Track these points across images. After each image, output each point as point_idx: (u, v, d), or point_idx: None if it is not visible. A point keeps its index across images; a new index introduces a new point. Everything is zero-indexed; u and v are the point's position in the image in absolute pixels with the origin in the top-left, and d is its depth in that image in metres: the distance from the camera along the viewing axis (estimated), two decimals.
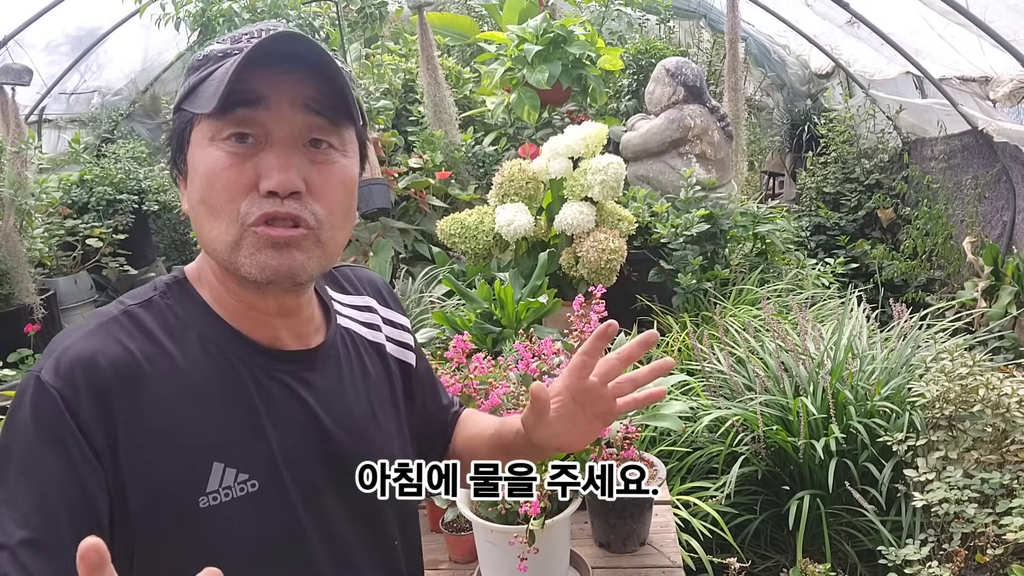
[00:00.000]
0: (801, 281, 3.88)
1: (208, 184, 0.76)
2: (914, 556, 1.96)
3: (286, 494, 0.80)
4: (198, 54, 0.80)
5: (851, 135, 5.81)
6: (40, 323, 4.44)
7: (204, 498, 0.75)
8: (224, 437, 0.77)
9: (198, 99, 0.76)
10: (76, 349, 0.73)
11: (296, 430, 0.83)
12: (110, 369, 0.73)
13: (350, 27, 5.12)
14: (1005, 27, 3.64)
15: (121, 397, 0.73)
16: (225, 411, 0.78)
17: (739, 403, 2.63)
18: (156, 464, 0.73)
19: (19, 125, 4.57)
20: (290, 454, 0.81)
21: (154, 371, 0.75)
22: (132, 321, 0.78)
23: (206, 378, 0.78)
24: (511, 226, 3.25)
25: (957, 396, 2.22)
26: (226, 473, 0.76)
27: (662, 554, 1.67)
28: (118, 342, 0.75)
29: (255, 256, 0.76)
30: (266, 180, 0.75)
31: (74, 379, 0.71)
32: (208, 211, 0.77)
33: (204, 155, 0.76)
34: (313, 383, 0.86)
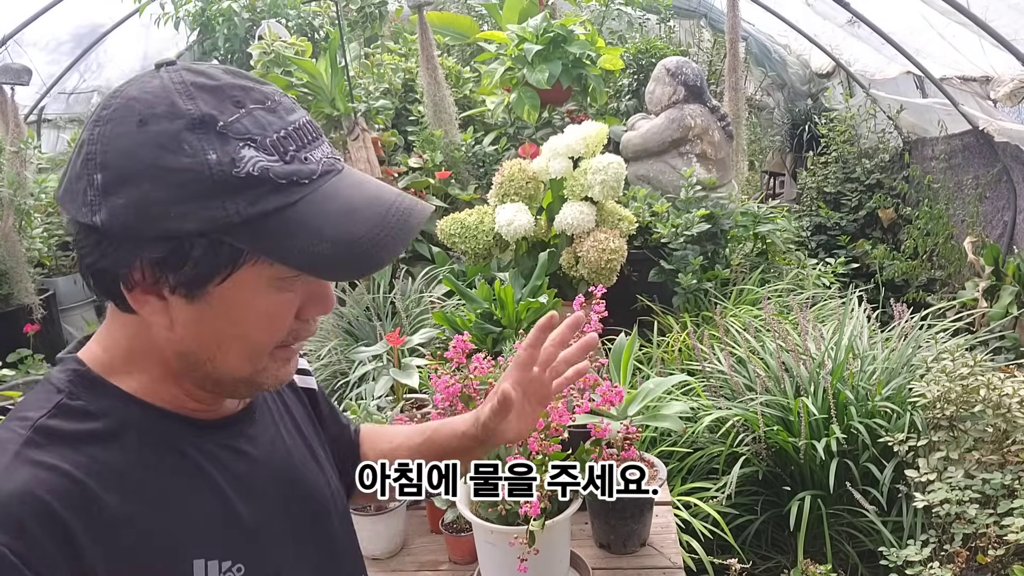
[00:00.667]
0: (802, 281, 3.87)
1: (268, 327, 0.69)
2: (915, 557, 1.96)
3: (267, 565, 0.77)
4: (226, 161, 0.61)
5: (852, 135, 5.80)
6: (39, 323, 4.44)
7: None
8: (198, 530, 0.71)
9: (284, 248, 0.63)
10: (5, 490, 0.60)
11: (260, 496, 0.78)
12: (55, 501, 0.61)
13: (350, 26, 5.12)
14: (1006, 26, 3.64)
15: (78, 528, 0.62)
16: (191, 503, 0.71)
17: (740, 403, 2.63)
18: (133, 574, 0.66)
19: (18, 125, 4.57)
20: (262, 523, 0.77)
21: (100, 486, 0.64)
22: (48, 437, 0.65)
23: (158, 474, 0.70)
24: (511, 226, 3.24)
25: (958, 396, 2.21)
26: (208, 568, 0.70)
27: (662, 555, 1.66)
28: (47, 467, 0.63)
29: (277, 374, 0.73)
30: (315, 307, 0.72)
31: (21, 526, 0.59)
32: (243, 346, 0.69)
33: (261, 298, 0.67)
34: (258, 439, 0.80)
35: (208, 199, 0.61)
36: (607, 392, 1.43)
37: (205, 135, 0.61)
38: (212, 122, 0.61)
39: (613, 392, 1.44)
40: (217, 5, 5.16)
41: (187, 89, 0.63)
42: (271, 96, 0.66)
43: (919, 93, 5.35)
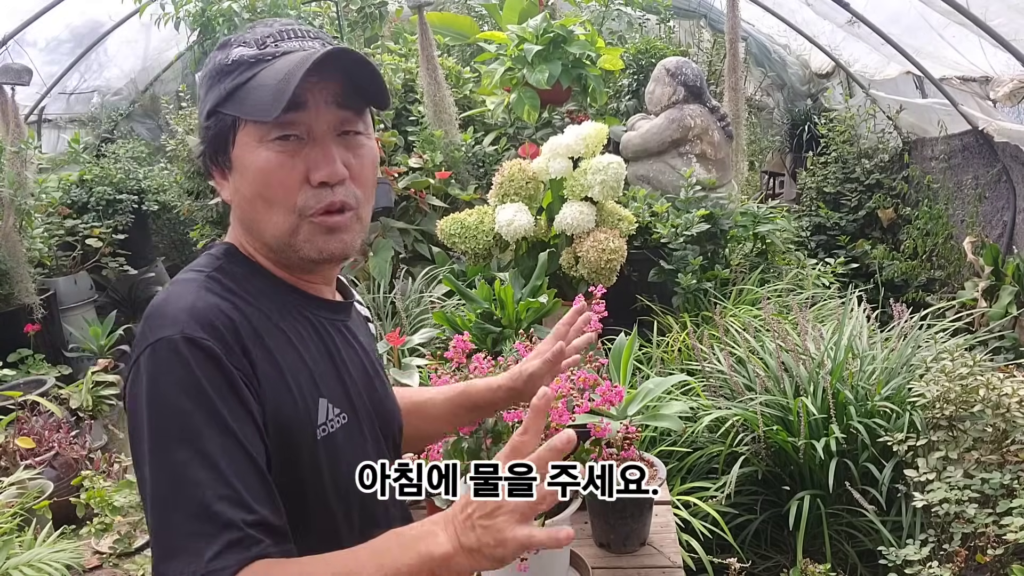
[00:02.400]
0: (801, 281, 3.87)
1: (264, 180, 0.86)
2: (914, 556, 1.96)
3: (361, 426, 0.94)
4: (223, 58, 0.88)
5: (851, 135, 5.81)
6: (40, 323, 4.44)
7: (318, 430, 0.87)
8: (319, 377, 0.89)
9: (245, 105, 0.85)
10: (203, 306, 0.81)
11: (356, 372, 0.97)
12: (237, 320, 0.82)
13: (350, 27, 5.12)
14: (1005, 27, 3.64)
15: (248, 344, 0.82)
16: (313, 355, 0.90)
17: (739, 403, 2.63)
18: (280, 403, 0.83)
19: (19, 125, 4.57)
20: (358, 392, 0.96)
21: (258, 324, 0.85)
22: (221, 284, 0.86)
23: (291, 328, 0.89)
24: (511, 226, 3.25)
25: (957, 396, 2.21)
26: (329, 408, 0.89)
27: (662, 554, 1.67)
28: (226, 300, 0.84)
29: (312, 241, 0.89)
30: (316, 172, 0.86)
31: (218, 331, 0.79)
32: (265, 204, 0.87)
33: (255, 155, 0.86)
34: (355, 333, 1.01)
35: (214, 85, 0.88)
36: (607, 392, 1.44)
37: (221, 49, 0.89)
38: (226, 42, 0.89)
39: (613, 392, 1.44)
40: (217, 5, 5.16)
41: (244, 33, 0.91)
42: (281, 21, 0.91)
43: (919, 93, 5.35)
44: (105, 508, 2.83)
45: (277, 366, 0.84)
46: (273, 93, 0.82)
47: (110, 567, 2.82)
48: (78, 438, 3.52)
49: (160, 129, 6.86)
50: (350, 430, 0.91)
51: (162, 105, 6.85)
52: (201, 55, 5.79)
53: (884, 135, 5.79)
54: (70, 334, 4.99)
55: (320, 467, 0.87)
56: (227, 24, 5.10)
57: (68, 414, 3.79)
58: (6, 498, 2.45)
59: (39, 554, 2.12)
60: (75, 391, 4.03)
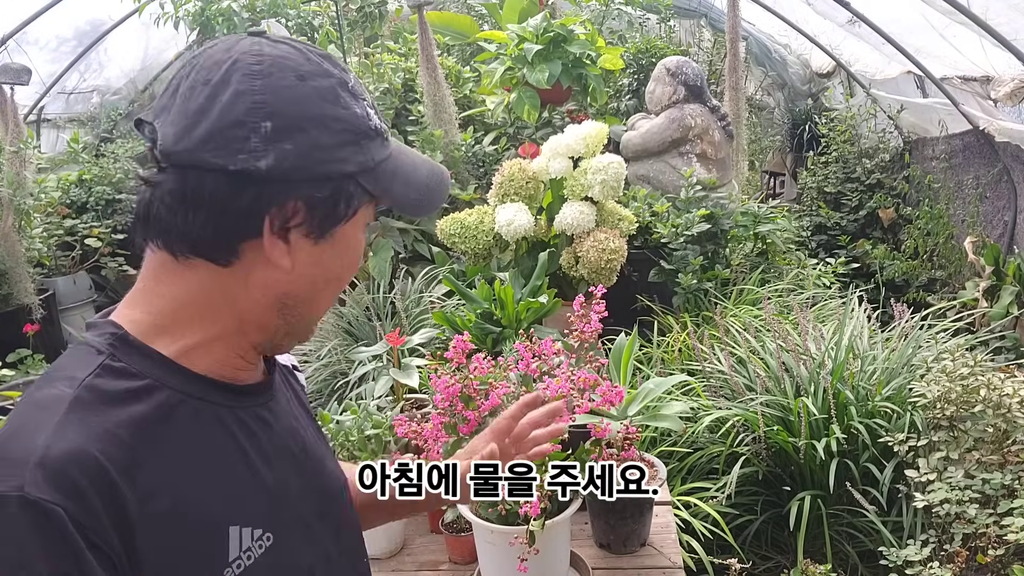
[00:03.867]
0: (802, 281, 3.87)
1: (354, 264, 0.78)
2: (915, 557, 1.96)
3: (292, 535, 0.78)
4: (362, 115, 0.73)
5: (852, 135, 5.80)
6: (39, 323, 4.44)
7: (229, 568, 0.70)
8: (231, 497, 0.72)
9: (388, 192, 0.75)
10: (59, 448, 0.60)
11: (280, 464, 0.79)
12: (108, 463, 0.62)
13: (350, 26, 5.11)
14: (1006, 26, 3.63)
15: (125, 489, 0.62)
16: (224, 468, 0.72)
17: (740, 403, 2.63)
18: (175, 549, 0.66)
19: (18, 124, 4.57)
20: (282, 491, 0.78)
21: (145, 450, 0.65)
22: (97, 396, 0.65)
23: (194, 438, 0.70)
24: (511, 226, 3.24)
25: (958, 396, 2.21)
26: (243, 535, 0.72)
27: (662, 555, 1.66)
28: (98, 428, 0.63)
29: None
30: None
31: (75, 485, 0.59)
32: (338, 288, 0.80)
33: (359, 238, 0.78)
34: (276, 412, 0.82)
35: (358, 145, 0.72)
36: (607, 392, 1.43)
37: (348, 93, 0.72)
38: (346, 83, 0.72)
39: (613, 392, 1.44)
40: (217, 5, 5.16)
41: (315, 53, 0.72)
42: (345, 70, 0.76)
43: (919, 93, 5.34)
44: None
45: (165, 505, 0.66)
46: (419, 193, 0.78)
47: None
48: None
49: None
50: (279, 548, 0.75)
51: None
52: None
53: (885, 135, 5.79)
54: (69, 334, 4.99)
55: None
56: (226, 24, 5.10)
57: None
58: None
59: None
60: None
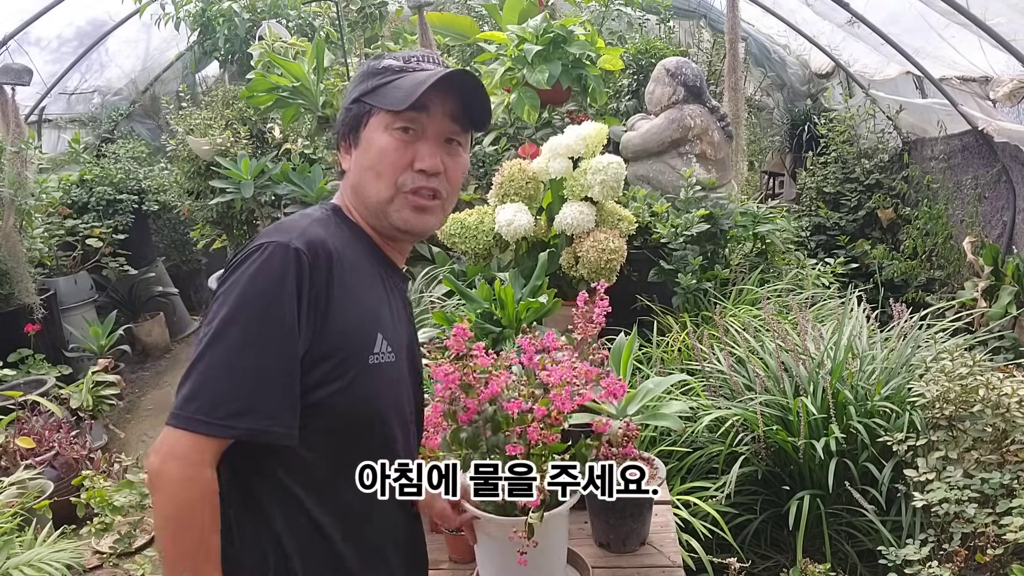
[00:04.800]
0: (801, 281, 3.88)
1: (380, 157, 1.12)
2: (914, 556, 1.96)
3: (403, 368, 1.17)
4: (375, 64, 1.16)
5: (851, 135, 5.81)
6: (40, 323, 4.44)
7: (372, 356, 1.08)
8: (380, 317, 1.13)
9: (384, 98, 1.11)
10: (313, 231, 1.06)
11: (404, 327, 1.21)
12: (332, 250, 1.06)
13: (350, 27, 5.12)
14: (1005, 27, 3.64)
15: (333, 271, 1.05)
16: (380, 300, 1.15)
17: (739, 403, 2.63)
18: (345, 324, 1.05)
19: (19, 125, 4.57)
20: (405, 342, 1.19)
21: (345, 262, 1.08)
22: (329, 225, 1.12)
23: (369, 274, 1.14)
24: (511, 226, 3.25)
25: (957, 396, 2.21)
26: (383, 342, 1.10)
27: (662, 554, 1.67)
28: (330, 236, 1.09)
29: (401, 212, 1.14)
30: (420, 162, 1.12)
31: (315, 250, 1.04)
32: (375, 175, 1.13)
33: (379, 137, 1.12)
34: (403, 298, 1.25)
35: (362, 81, 1.17)
36: (611, 384, 1.43)
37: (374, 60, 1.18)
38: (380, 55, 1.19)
39: (617, 384, 1.44)
40: (217, 6, 5.16)
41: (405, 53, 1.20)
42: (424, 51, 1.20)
43: (918, 93, 5.35)
44: (105, 508, 2.83)
45: (350, 295, 1.07)
46: (406, 92, 1.09)
47: (110, 567, 2.83)
48: (78, 438, 3.52)
49: (160, 129, 6.86)
50: (396, 368, 1.13)
51: (162, 105, 6.85)
52: (201, 55, 5.79)
53: (884, 135, 5.79)
54: (70, 334, 4.99)
55: (366, 385, 1.07)
56: (227, 24, 5.10)
57: (68, 414, 3.79)
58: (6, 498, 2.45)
59: (39, 554, 2.12)
60: (75, 391, 4.03)
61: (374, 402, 1.09)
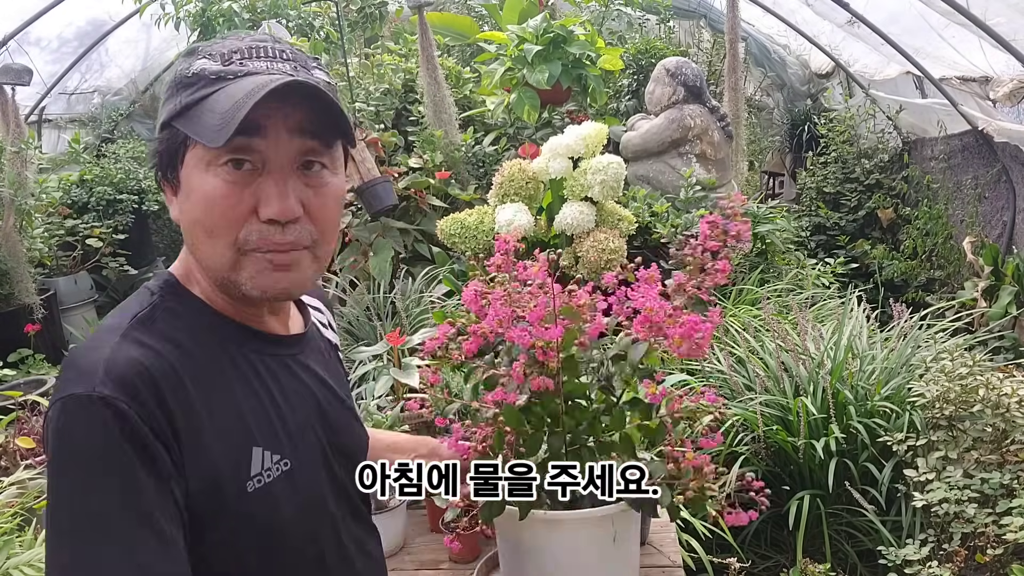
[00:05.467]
0: (801, 281, 3.88)
1: (206, 209, 0.80)
2: (914, 556, 1.96)
3: (312, 468, 0.89)
4: (185, 68, 0.81)
5: (851, 135, 5.81)
6: (40, 323, 4.44)
7: (251, 482, 0.80)
8: (256, 423, 0.83)
9: (196, 125, 0.78)
10: (120, 359, 0.75)
11: (303, 409, 0.90)
12: (156, 373, 0.76)
13: (350, 27, 5.11)
14: (1005, 27, 3.64)
15: (170, 398, 0.76)
16: (249, 399, 0.84)
17: (739, 403, 2.63)
18: (207, 457, 0.77)
19: (19, 125, 4.57)
20: (305, 430, 0.89)
21: (184, 371, 0.78)
22: (146, 328, 0.80)
23: (225, 370, 0.83)
24: (511, 226, 3.25)
25: (957, 396, 2.21)
26: (264, 456, 0.82)
27: (662, 554, 1.67)
28: (148, 348, 0.78)
29: (256, 279, 0.82)
30: (266, 208, 0.79)
31: (135, 387, 0.73)
32: (205, 233, 0.81)
33: (201, 180, 0.79)
34: (306, 365, 0.94)
35: (171, 96, 0.81)
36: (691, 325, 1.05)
37: (186, 57, 0.83)
38: (193, 50, 0.83)
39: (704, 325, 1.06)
40: (218, 6, 5.16)
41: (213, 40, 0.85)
42: (257, 37, 0.84)
43: (918, 93, 5.35)
44: None
45: (201, 418, 0.78)
46: (222, 117, 0.75)
47: None
48: None
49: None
50: (293, 475, 0.85)
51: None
52: None
53: (884, 135, 5.79)
54: (70, 334, 4.99)
55: (252, 520, 0.80)
56: (227, 24, 5.10)
57: None
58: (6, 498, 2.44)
59: (39, 554, 2.11)
60: None
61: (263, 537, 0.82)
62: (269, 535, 0.82)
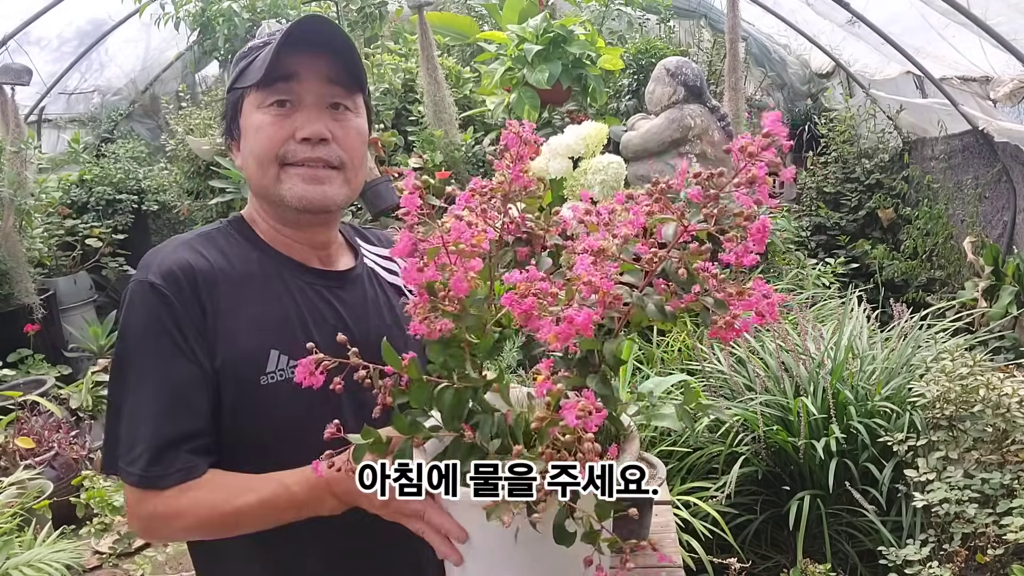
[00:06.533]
0: (801, 281, 3.88)
1: (257, 137, 1.02)
2: (914, 556, 1.96)
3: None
4: (244, 48, 1.08)
5: (851, 135, 5.80)
6: (39, 323, 4.44)
7: (264, 377, 0.98)
8: (275, 329, 1.01)
9: (247, 77, 1.03)
10: (171, 258, 0.98)
11: (331, 331, 0.99)
12: (198, 272, 0.98)
13: (350, 27, 5.11)
14: (1005, 26, 3.64)
15: (206, 292, 0.98)
16: (275, 310, 1.02)
17: (739, 403, 2.63)
18: (230, 347, 0.97)
19: (19, 125, 4.57)
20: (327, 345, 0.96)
21: (225, 277, 1.00)
22: (207, 240, 1.04)
23: (259, 284, 1.03)
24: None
25: (957, 396, 2.21)
26: (280, 359, 0.99)
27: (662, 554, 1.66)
28: (199, 254, 1.01)
29: (293, 188, 1.02)
30: (300, 131, 1.01)
31: (174, 279, 0.96)
32: (257, 160, 1.03)
33: (253, 118, 1.03)
34: (343, 299, 1.09)
35: (233, 68, 1.09)
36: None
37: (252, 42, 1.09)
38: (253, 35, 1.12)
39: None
40: (217, 5, 5.16)
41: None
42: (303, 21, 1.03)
43: (919, 93, 5.35)
44: (105, 508, 2.83)
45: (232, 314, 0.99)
46: (262, 62, 0.99)
47: (110, 567, 2.83)
48: (78, 438, 3.52)
49: (160, 129, 6.85)
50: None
51: (162, 105, 6.84)
52: (201, 55, 5.78)
53: (884, 135, 5.79)
54: (70, 334, 4.99)
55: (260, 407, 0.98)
56: (227, 24, 5.10)
57: (68, 414, 3.79)
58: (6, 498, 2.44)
59: (39, 554, 2.12)
60: (75, 391, 4.03)
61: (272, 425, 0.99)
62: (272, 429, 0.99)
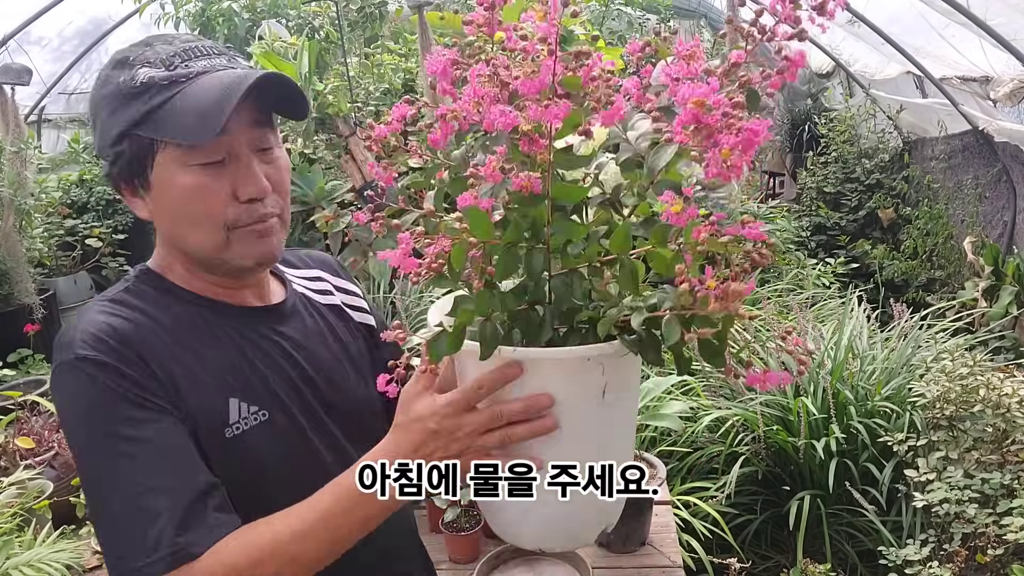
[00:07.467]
0: (801, 281, 3.88)
1: (191, 201, 0.89)
2: (915, 556, 1.96)
3: (294, 420, 0.96)
4: (128, 79, 0.87)
5: (852, 135, 5.81)
6: (39, 323, 4.44)
7: (228, 429, 0.90)
8: (231, 378, 0.92)
9: (169, 128, 0.85)
10: (90, 328, 0.85)
11: (282, 369, 0.97)
12: (124, 333, 0.86)
13: (350, 27, 5.11)
14: (1005, 26, 3.64)
15: (143, 350, 0.86)
16: (224, 358, 0.93)
17: (739, 403, 2.63)
18: (187, 404, 0.87)
19: (19, 125, 4.57)
20: (286, 388, 0.97)
21: (154, 334, 0.89)
22: (118, 304, 0.91)
23: (197, 335, 0.93)
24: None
25: (958, 396, 2.21)
26: (241, 407, 0.92)
27: (662, 554, 1.67)
28: (118, 316, 0.88)
29: (247, 250, 0.93)
30: (242, 191, 0.90)
31: (108, 344, 0.84)
32: (190, 223, 0.91)
33: (178, 179, 0.88)
34: (284, 334, 1.01)
35: (120, 107, 0.87)
36: None
37: (119, 69, 0.88)
38: (124, 60, 0.88)
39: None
40: (217, 5, 5.16)
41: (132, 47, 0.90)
42: (180, 38, 0.91)
43: (919, 93, 5.35)
44: None
45: (176, 372, 0.88)
46: (200, 118, 0.83)
47: None
48: None
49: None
50: (272, 426, 0.94)
51: None
52: None
53: (884, 135, 5.79)
54: None
55: (230, 462, 0.89)
56: (227, 24, 5.10)
57: None
58: (6, 498, 2.44)
59: (39, 554, 2.11)
60: None
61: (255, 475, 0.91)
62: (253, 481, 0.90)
